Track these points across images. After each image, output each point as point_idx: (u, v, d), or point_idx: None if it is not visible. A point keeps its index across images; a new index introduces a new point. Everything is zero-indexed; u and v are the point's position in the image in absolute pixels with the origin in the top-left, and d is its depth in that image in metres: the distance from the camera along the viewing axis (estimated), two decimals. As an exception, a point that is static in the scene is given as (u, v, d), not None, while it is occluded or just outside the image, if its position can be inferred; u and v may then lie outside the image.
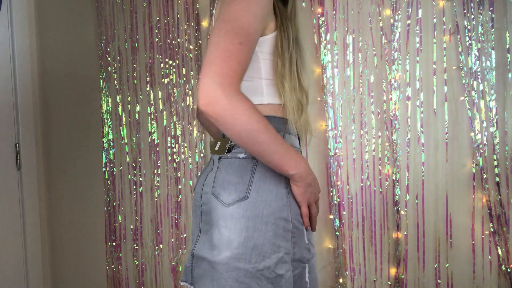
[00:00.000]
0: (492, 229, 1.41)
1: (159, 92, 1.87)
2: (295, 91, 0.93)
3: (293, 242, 0.89)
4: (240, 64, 0.80)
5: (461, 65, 1.42)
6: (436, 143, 1.48)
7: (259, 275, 0.85)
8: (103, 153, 1.96)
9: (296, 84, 0.94)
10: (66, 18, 1.97)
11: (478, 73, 1.40)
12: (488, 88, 1.39)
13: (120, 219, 1.94)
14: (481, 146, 1.40)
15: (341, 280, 1.60)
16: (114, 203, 1.94)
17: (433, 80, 1.46)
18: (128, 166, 1.92)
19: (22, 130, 1.81)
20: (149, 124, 1.87)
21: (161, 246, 1.89)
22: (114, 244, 1.96)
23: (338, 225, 1.59)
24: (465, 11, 1.39)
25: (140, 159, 1.89)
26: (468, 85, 1.41)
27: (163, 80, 1.86)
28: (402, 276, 1.52)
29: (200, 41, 1.81)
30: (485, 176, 1.40)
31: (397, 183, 1.51)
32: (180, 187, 1.84)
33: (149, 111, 1.87)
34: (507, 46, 1.36)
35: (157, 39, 1.83)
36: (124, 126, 1.92)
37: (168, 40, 1.84)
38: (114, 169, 1.94)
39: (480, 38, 1.38)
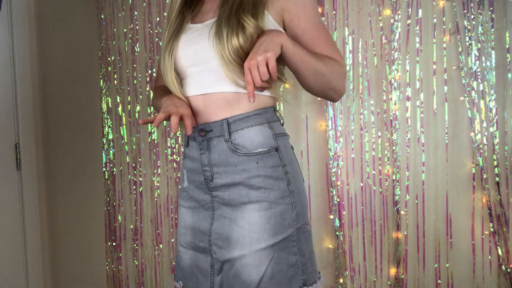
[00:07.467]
0: (492, 229, 1.41)
1: (159, 92, 1.87)
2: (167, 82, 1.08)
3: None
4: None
5: (461, 65, 1.42)
6: (436, 143, 1.48)
7: None
8: (103, 153, 1.96)
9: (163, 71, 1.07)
10: (66, 18, 1.97)
11: (478, 73, 1.40)
12: (488, 88, 1.39)
13: (120, 219, 1.95)
14: (481, 146, 1.40)
15: (341, 280, 1.60)
16: (114, 203, 1.95)
17: (433, 80, 1.46)
18: (128, 166, 1.92)
19: (22, 130, 1.81)
20: (149, 124, 1.87)
21: (161, 246, 1.89)
22: (114, 244, 1.96)
23: (338, 225, 1.59)
24: (465, 11, 1.39)
25: (140, 159, 1.89)
26: (468, 85, 1.41)
27: (163, 80, 1.86)
28: (402, 276, 1.52)
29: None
30: (485, 176, 1.41)
31: (397, 183, 1.51)
32: (180, 187, 1.85)
33: (149, 111, 1.87)
34: (507, 46, 1.36)
35: (157, 39, 1.83)
36: (124, 126, 1.92)
37: (168, 40, 1.83)
38: (114, 169, 1.94)
39: (480, 38, 1.38)
